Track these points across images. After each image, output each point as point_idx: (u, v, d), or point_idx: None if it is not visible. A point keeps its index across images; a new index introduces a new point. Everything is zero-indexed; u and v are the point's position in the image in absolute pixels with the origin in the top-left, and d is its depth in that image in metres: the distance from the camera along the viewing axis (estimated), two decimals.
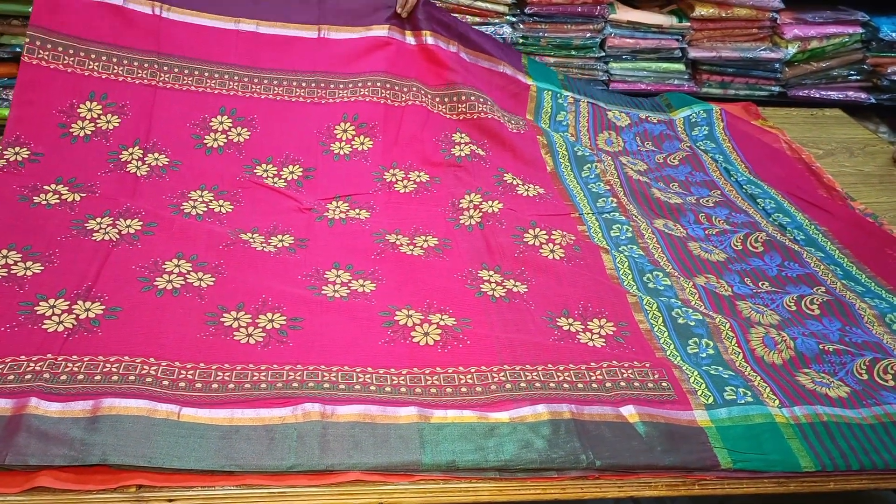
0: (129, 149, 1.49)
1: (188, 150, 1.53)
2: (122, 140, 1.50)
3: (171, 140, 1.52)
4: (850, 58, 2.90)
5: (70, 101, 1.51)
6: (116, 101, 1.54)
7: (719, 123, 1.93)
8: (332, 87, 1.68)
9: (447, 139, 1.66)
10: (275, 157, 1.56)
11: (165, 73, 1.59)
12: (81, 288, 1.17)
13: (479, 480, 0.98)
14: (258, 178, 1.52)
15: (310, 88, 1.67)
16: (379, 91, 1.69)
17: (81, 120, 1.50)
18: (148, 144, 1.50)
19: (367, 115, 1.65)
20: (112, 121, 1.52)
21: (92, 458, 0.90)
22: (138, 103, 1.55)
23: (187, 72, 1.61)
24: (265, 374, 1.06)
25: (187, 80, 1.61)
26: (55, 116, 1.49)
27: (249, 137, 1.58)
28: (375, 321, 1.19)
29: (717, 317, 1.25)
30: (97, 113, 1.52)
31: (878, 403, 1.11)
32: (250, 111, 1.61)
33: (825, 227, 1.59)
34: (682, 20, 2.75)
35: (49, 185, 1.39)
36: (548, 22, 2.71)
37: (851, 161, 1.94)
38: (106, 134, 1.50)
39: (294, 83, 1.67)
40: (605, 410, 1.05)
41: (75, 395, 0.98)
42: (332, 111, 1.65)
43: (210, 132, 1.56)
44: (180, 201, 1.42)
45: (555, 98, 1.89)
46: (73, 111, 1.50)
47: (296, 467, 0.94)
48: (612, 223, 1.51)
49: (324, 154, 1.59)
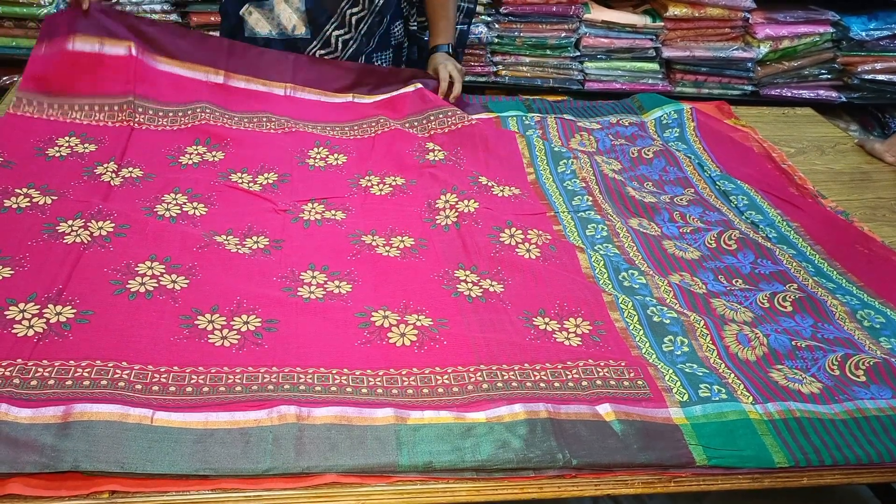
0: (105, 164, 1.51)
1: (163, 166, 1.55)
2: (98, 159, 1.52)
3: (146, 159, 1.55)
4: (820, 57, 2.94)
5: (49, 136, 1.56)
6: (94, 137, 1.59)
7: (690, 124, 1.94)
8: (302, 126, 1.73)
9: (421, 148, 1.67)
10: (250, 168, 1.57)
11: (140, 114, 1.65)
12: (52, 291, 1.15)
13: (457, 481, 0.98)
14: (233, 182, 1.52)
15: (280, 122, 1.72)
16: (348, 133, 1.75)
17: (59, 147, 1.54)
18: (122, 162, 1.53)
19: (338, 143, 1.70)
20: (89, 147, 1.56)
21: (63, 465, 0.89)
22: (114, 137, 1.60)
23: (161, 114, 1.67)
24: (240, 376, 1.05)
25: (162, 121, 1.66)
26: (33, 143, 1.54)
27: (224, 157, 1.60)
28: (351, 322, 1.19)
29: (691, 314, 1.26)
30: (74, 143, 1.56)
31: (850, 399, 1.13)
32: (223, 138, 1.64)
33: (797, 222, 1.61)
34: (656, 20, 2.77)
35: (21, 189, 1.37)
36: (523, 21, 2.73)
37: (822, 159, 1.96)
38: (82, 156, 1.53)
39: (265, 120, 1.72)
40: (581, 409, 1.06)
41: (46, 400, 0.97)
42: (305, 139, 1.69)
43: (185, 154, 1.59)
44: (153, 204, 1.41)
45: (520, 120, 1.91)
46: (52, 142, 1.55)
47: (272, 470, 0.93)
48: (587, 222, 1.52)
49: (299, 165, 1.61)
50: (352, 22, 1.86)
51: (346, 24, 1.85)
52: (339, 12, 1.84)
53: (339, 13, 1.84)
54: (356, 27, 1.86)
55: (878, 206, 1.74)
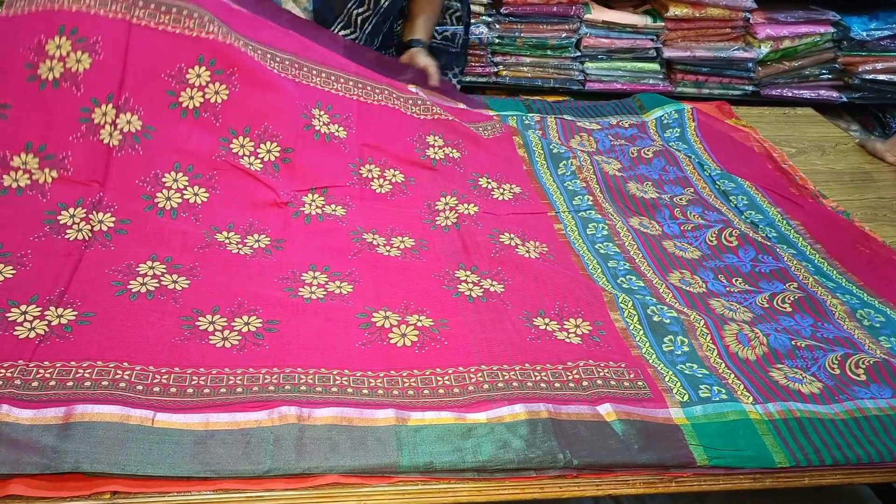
0: (102, 105, 1.39)
1: (162, 112, 1.44)
2: (94, 92, 1.39)
3: (145, 97, 1.43)
4: (821, 57, 2.94)
5: (38, 38, 1.38)
6: (87, 36, 1.40)
7: (691, 124, 1.94)
8: (306, 70, 1.63)
9: (421, 140, 1.66)
10: (252, 127, 1.49)
11: (140, 8, 1.46)
12: (54, 293, 1.15)
13: (458, 481, 0.98)
14: (234, 156, 1.46)
15: (283, 65, 1.60)
16: (352, 89, 1.68)
17: (49, 59, 1.37)
18: (120, 101, 1.40)
19: (340, 108, 1.63)
20: (83, 60, 1.39)
21: (64, 466, 0.89)
22: (110, 41, 1.42)
23: (164, 9, 1.47)
24: (241, 377, 1.06)
25: (164, 18, 1.47)
26: (23, 55, 1.37)
27: (227, 98, 1.48)
28: (352, 323, 1.19)
29: (691, 314, 1.26)
30: (66, 50, 1.38)
31: (851, 399, 1.13)
32: (230, 63, 1.50)
33: (797, 221, 1.61)
34: (657, 20, 2.77)
35: (18, 157, 1.32)
36: (523, 22, 2.73)
37: (823, 159, 1.96)
38: (76, 78, 1.38)
39: (269, 55, 1.58)
40: (582, 409, 1.06)
41: (47, 401, 0.97)
42: (307, 94, 1.60)
43: (186, 87, 1.46)
44: (154, 190, 1.38)
45: (520, 120, 1.91)
46: (41, 49, 1.38)
47: (272, 471, 0.93)
48: (588, 221, 1.52)
49: (304, 130, 1.54)
50: (357, 22, 1.86)
51: (352, 23, 1.86)
52: (346, 12, 1.85)
53: (346, 13, 1.84)
54: (361, 27, 1.87)
55: (879, 206, 1.74)
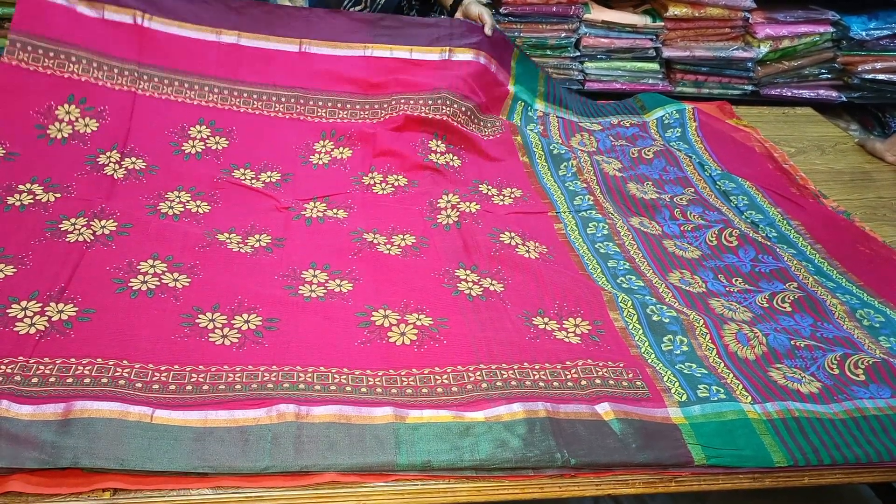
0: (107, 152, 1.48)
1: (166, 156, 1.52)
2: (100, 145, 1.49)
3: (149, 146, 1.52)
4: (820, 56, 2.93)
5: (48, 103, 1.50)
6: (95, 106, 1.53)
7: (692, 124, 1.94)
8: (311, 104, 1.71)
9: (424, 145, 1.67)
10: (252, 163, 1.56)
11: (145, 81, 1.60)
12: (54, 290, 1.15)
13: (458, 480, 0.97)
14: (236, 179, 1.51)
15: (289, 104, 1.69)
16: (358, 113, 1.72)
17: (59, 122, 1.49)
18: (125, 150, 1.50)
19: (344, 131, 1.68)
20: (90, 124, 1.51)
21: (63, 462, 0.89)
22: (116, 109, 1.55)
23: (167, 81, 1.62)
24: (240, 375, 1.06)
25: (167, 89, 1.62)
26: (32, 118, 1.48)
27: (227, 146, 1.58)
28: (352, 321, 1.19)
29: (691, 313, 1.26)
30: (75, 116, 1.51)
31: (850, 398, 1.13)
32: (229, 123, 1.62)
33: (797, 221, 1.61)
34: (656, 20, 2.77)
35: (24, 185, 1.37)
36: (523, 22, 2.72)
37: (823, 159, 1.96)
38: (83, 137, 1.49)
39: (273, 98, 1.69)
40: (580, 409, 1.06)
41: (47, 397, 0.97)
42: (311, 129, 1.67)
43: (188, 139, 1.57)
44: (157, 202, 1.41)
45: (525, 111, 1.91)
46: (51, 113, 1.49)
47: (270, 469, 0.93)
48: (588, 221, 1.52)
49: (302, 165, 1.59)
50: None
51: None
52: (342, 10, 1.85)
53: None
54: None
55: (878, 206, 1.75)
